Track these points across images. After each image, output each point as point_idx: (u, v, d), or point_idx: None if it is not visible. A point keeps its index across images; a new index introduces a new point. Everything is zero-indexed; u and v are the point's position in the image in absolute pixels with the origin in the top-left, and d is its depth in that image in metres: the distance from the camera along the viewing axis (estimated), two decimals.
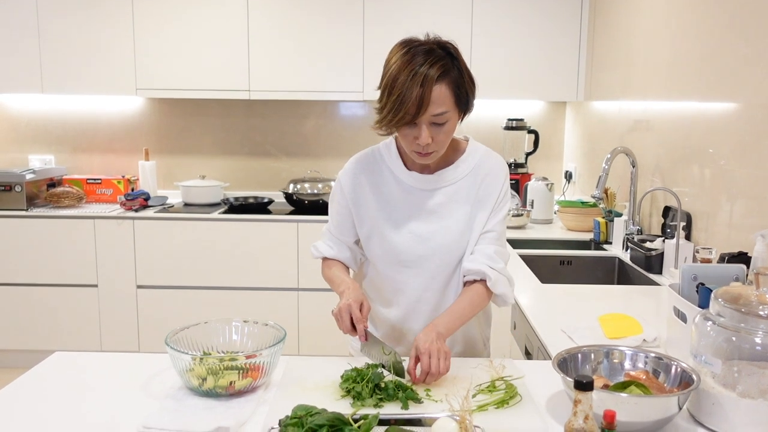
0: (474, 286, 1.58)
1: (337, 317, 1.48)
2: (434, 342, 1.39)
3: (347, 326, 1.46)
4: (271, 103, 4.15)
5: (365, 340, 1.46)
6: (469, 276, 1.59)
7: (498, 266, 1.58)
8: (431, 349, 1.37)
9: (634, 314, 1.82)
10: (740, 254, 1.91)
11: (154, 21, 3.74)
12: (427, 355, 1.37)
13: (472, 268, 1.57)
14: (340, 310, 1.48)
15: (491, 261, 1.57)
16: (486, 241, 1.61)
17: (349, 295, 1.51)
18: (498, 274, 1.57)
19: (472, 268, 1.57)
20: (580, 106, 3.88)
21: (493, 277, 1.55)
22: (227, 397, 1.34)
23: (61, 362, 1.55)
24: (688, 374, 1.24)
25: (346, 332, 1.48)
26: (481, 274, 1.56)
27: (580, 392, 1.00)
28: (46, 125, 4.19)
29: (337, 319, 1.48)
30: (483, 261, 1.57)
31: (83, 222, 3.65)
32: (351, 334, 1.48)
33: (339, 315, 1.47)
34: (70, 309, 3.71)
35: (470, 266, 1.58)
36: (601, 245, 2.97)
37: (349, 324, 1.46)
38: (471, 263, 1.58)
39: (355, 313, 1.46)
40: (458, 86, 1.47)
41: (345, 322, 1.46)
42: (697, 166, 2.39)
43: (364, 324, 1.46)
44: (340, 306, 1.48)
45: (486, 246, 1.60)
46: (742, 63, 2.08)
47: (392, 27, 3.67)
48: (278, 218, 3.67)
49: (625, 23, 3.15)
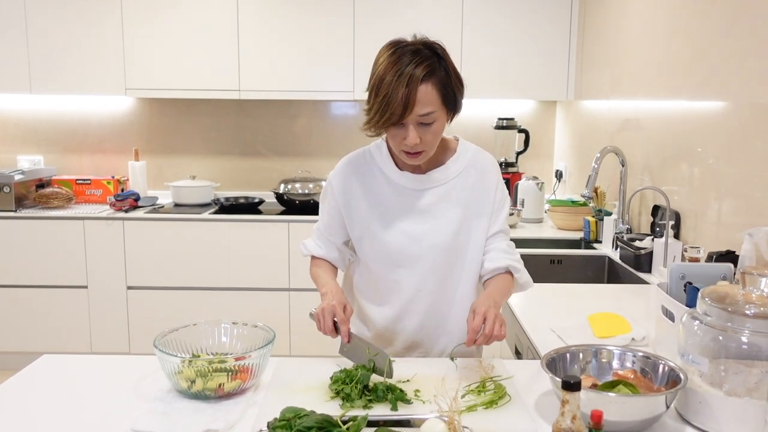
0: (501, 276, 1.62)
1: (319, 317, 1.48)
2: (492, 307, 1.42)
3: (329, 326, 1.46)
4: (261, 103, 4.14)
5: (348, 341, 1.46)
6: (494, 273, 1.63)
7: (516, 257, 1.64)
8: (488, 313, 1.40)
9: (624, 313, 1.83)
10: (728, 253, 1.92)
11: (144, 20, 3.72)
12: (482, 317, 1.39)
13: (497, 266, 1.62)
14: (322, 310, 1.48)
15: (509, 254, 1.64)
16: (496, 240, 1.66)
17: (332, 297, 1.52)
18: (520, 264, 1.63)
19: (497, 266, 1.62)
20: (570, 106, 3.89)
21: (521, 268, 1.62)
22: (216, 399, 1.34)
23: (49, 365, 1.54)
24: (676, 373, 1.25)
25: (327, 333, 1.48)
26: (506, 268, 1.61)
27: (567, 392, 1.00)
28: (35, 125, 4.16)
29: (318, 320, 1.48)
30: (503, 257, 1.62)
31: (73, 223, 3.63)
32: (331, 335, 1.48)
33: (321, 315, 1.47)
34: (59, 310, 3.69)
35: (493, 265, 1.62)
36: (591, 244, 2.98)
37: (331, 324, 1.46)
38: (492, 262, 1.63)
39: (339, 314, 1.46)
40: (445, 86, 1.47)
41: (327, 323, 1.46)
42: (685, 165, 2.40)
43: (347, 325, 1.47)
44: (323, 306, 1.49)
45: (498, 243, 1.65)
46: (731, 62, 2.09)
47: (383, 27, 3.66)
48: (269, 218, 3.67)
49: (615, 23, 3.16)
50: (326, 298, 1.53)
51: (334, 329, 1.47)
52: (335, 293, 1.54)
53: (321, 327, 1.48)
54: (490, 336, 1.38)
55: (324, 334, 1.49)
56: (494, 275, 1.63)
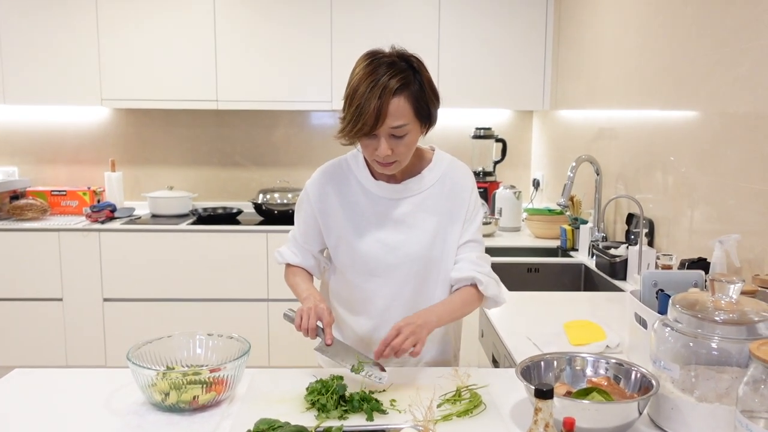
0: (465, 288, 1.61)
1: (301, 316, 1.47)
2: (413, 325, 1.42)
3: (312, 326, 1.46)
4: (239, 113, 4.13)
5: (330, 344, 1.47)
6: (459, 284, 1.62)
7: (485, 270, 1.61)
8: (406, 329, 1.41)
9: (599, 320, 1.84)
10: (700, 260, 1.95)
11: (119, 30, 3.70)
12: (396, 331, 1.41)
13: (462, 276, 1.60)
14: (308, 310, 1.48)
15: (477, 266, 1.61)
16: (467, 249, 1.64)
17: (315, 299, 1.52)
18: (487, 278, 1.60)
19: (462, 276, 1.60)
20: (546, 115, 3.94)
21: (484, 281, 1.59)
22: (191, 411, 1.33)
23: (20, 379, 1.52)
24: (648, 379, 1.26)
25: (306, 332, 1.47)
26: (471, 279, 1.59)
27: (540, 400, 1.01)
28: (9, 136, 4.11)
29: (300, 318, 1.47)
30: (470, 267, 1.60)
31: (48, 235, 3.58)
32: (311, 335, 1.47)
33: (305, 313, 1.47)
34: (34, 323, 3.63)
35: (459, 275, 1.61)
36: (567, 252, 3.01)
37: (314, 325, 1.46)
38: (459, 272, 1.61)
39: (326, 317, 1.47)
40: (418, 99, 1.48)
41: (311, 323, 1.46)
42: (659, 173, 2.44)
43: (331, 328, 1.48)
44: (309, 306, 1.49)
45: (468, 253, 1.63)
46: (701, 72, 2.13)
47: (360, 37, 3.68)
48: (247, 228, 3.65)
49: (589, 33, 3.20)
50: (309, 301, 1.53)
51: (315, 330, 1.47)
52: (318, 298, 1.55)
53: (300, 326, 1.47)
54: (396, 350, 1.39)
55: (300, 332, 1.48)
56: (459, 287, 1.62)
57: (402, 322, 1.44)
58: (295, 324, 1.49)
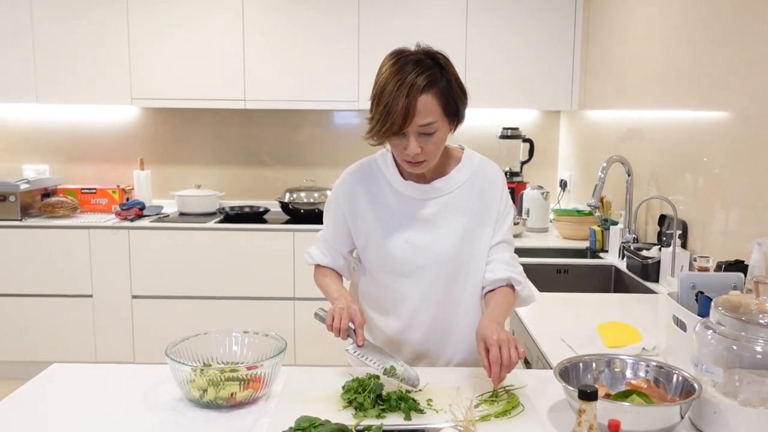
0: (503, 289, 1.60)
1: (333, 316, 1.48)
2: (501, 332, 1.38)
3: (345, 327, 1.46)
4: (266, 113, 4.15)
5: (362, 344, 1.47)
6: (494, 285, 1.61)
7: (518, 270, 1.62)
8: (500, 339, 1.35)
9: (632, 322, 1.82)
10: (737, 262, 1.92)
11: (150, 30, 3.74)
12: (497, 346, 1.34)
13: (498, 277, 1.59)
14: (340, 310, 1.48)
15: (512, 266, 1.61)
16: (499, 250, 1.63)
17: (347, 300, 1.52)
18: (524, 279, 1.61)
19: (498, 277, 1.59)
20: (574, 115, 3.90)
21: (522, 281, 1.59)
22: (228, 408, 1.34)
23: (59, 374, 1.54)
24: (690, 383, 1.25)
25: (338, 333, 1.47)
26: (508, 280, 1.59)
27: (584, 402, 1.00)
28: (41, 135, 4.18)
29: (332, 318, 1.47)
30: (505, 268, 1.59)
31: (78, 232, 3.64)
32: (342, 336, 1.47)
33: (337, 314, 1.47)
34: (64, 319, 3.69)
35: (494, 276, 1.59)
36: (597, 254, 2.98)
37: (346, 326, 1.46)
38: (493, 273, 1.60)
39: (358, 318, 1.47)
40: (446, 96, 1.47)
41: (343, 324, 1.46)
42: (691, 174, 2.41)
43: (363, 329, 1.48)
44: (340, 307, 1.49)
45: (501, 254, 1.63)
46: (736, 71, 2.10)
47: (387, 37, 3.68)
48: (274, 227, 3.67)
49: (619, 32, 3.17)
50: (340, 301, 1.53)
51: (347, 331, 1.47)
52: (350, 299, 1.55)
53: (332, 326, 1.47)
54: (509, 365, 1.34)
55: (331, 332, 1.49)
56: (495, 288, 1.61)
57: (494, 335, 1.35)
58: (327, 324, 1.49)
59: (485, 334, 1.38)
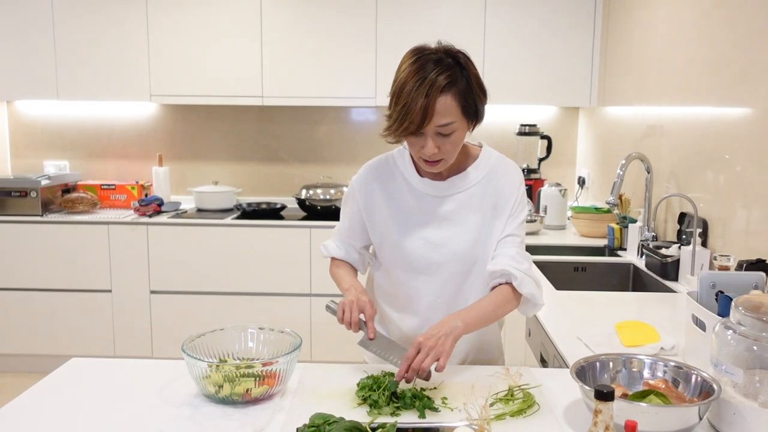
0: (500, 288, 1.55)
1: (343, 309, 1.48)
2: (434, 338, 1.37)
3: (355, 319, 1.46)
4: (283, 109, 4.16)
5: (373, 337, 1.46)
6: (494, 279, 1.56)
7: (522, 267, 1.54)
8: (424, 343, 1.36)
9: (651, 322, 1.80)
10: (758, 261, 1.89)
11: (168, 28, 3.77)
12: (417, 348, 1.36)
13: (496, 269, 1.54)
14: (350, 302, 1.48)
15: (515, 262, 1.54)
16: (507, 244, 1.59)
17: (358, 293, 1.52)
18: (523, 275, 1.53)
19: (496, 269, 1.54)
20: (593, 112, 3.87)
21: (519, 277, 1.52)
22: (243, 404, 1.35)
23: (78, 368, 1.56)
24: (709, 384, 1.23)
25: (350, 326, 1.47)
26: (506, 274, 1.53)
27: (600, 402, 0.99)
28: (61, 131, 4.23)
29: (342, 311, 1.48)
30: (506, 262, 1.54)
31: (97, 227, 3.67)
32: (354, 329, 1.47)
33: (347, 307, 1.47)
34: (84, 314, 3.73)
35: (494, 268, 1.55)
36: (615, 251, 2.95)
37: (357, 318, 1.46)
38: (494, 266, 1.56)
39: (368, 310, 1.47)
40: (465, 97, 1.45)
41: (354, 316, 1.46)
42: (712, 172, 2.37)
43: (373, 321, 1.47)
44: (350, 299, 1.49)
45: (507, 249, 1.58)
46: (757, 68, 2.06)
47: (405, 33, 3.67)
48: (291, 224, 3.68)
49: (639, 28, 3.13)
50: (350, 293, 1.53)
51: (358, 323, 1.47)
52: (360, 290, 1.54)
53: (343, 319, 1.48)
54: (417, 370, 1.34)
55: (342, 325, 1.49)
56: (494, 284, 1.57)
57: (422, 336, 1.37)
58: (338, 317, 1.50)
59: (420, 337, 1.38)
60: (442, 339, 1.38)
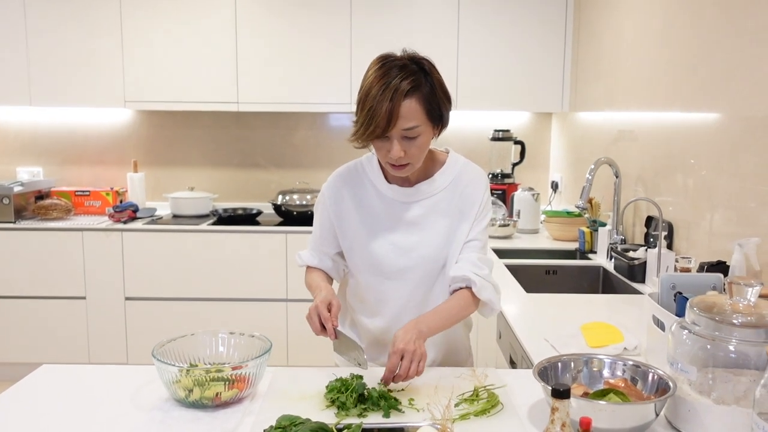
0: (460, 292, 1.59)
1: (308, 319, 1.50)
2: (412, 342, 1.40)
3: (317, 326, 1.48)
4: (259, 115, 4.18)
5: (335, 338, 1.49)
6: (455, 284, 1.60)
7: (483, 273, 1.59)
8: (407, 349, 1.39)
9: (617, 323, 1.84)
10: (719, 263, 1.95)
11: (143, 33, 3.76)
12: (400, 355, 1.38)
13: (457, 275, 1.58)
14: (310, 311, 1.50)
15: (476, 267, 1.59)
16: (469, 249, 1.63)
17: (319, 297, 1.54)
18: (483, 281, 1.57)
19: (457, 275, 1.58)
20: (565, 117, 3.93)
21: (479, 283, 1.56)
22: (213, 408, 1.36)
23: (47, 375, 1.56)
24: (665, 381, 1.27)
25: (317, 333, 1.50)
26: (467, 280, 1.57)
27: (557, 400, 1.02)
28: (35, 137, 4.19)
29: (309, 321, 1.50)
30: (467, 268, 1.58)
31: (71, 234, 3.65)
32: (322, 334, 1.50)
33: (309, 317, 1.50)
34: (58, 321, 3.70)
35: (455, 273, 1.59)
36: (586, 255, 3.00)
37: (318, 324, 1.48)
38: (456, 271, 1.60)
39: (323, 312, 1.48)
40: (429, 101, 1.49)
41: (315, 323, 1.49)
42: (679, 176, 2.43)
43: (333, 323, 1.48)
44: (310, 308, 1.51)
45: (469, 254, 1.62)
46: (723, 75, 2.12)
47: (379, 39, 3.70)
48: (267, 229, 3.69)
49: (608, 35, 3.20)
50: (315, 299, 1.55)
51: (322, 329, 1.49)
52: (324, 292, 1.55)
53: (312, 327, 1.50)
54: (404, 377, 1.37)
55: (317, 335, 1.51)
56: (455, 288, 1.61)
57: (401, 342, 1.39)
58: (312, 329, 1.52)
59: (397, 336, 1.42)
60: (418, 343, 1.41)
